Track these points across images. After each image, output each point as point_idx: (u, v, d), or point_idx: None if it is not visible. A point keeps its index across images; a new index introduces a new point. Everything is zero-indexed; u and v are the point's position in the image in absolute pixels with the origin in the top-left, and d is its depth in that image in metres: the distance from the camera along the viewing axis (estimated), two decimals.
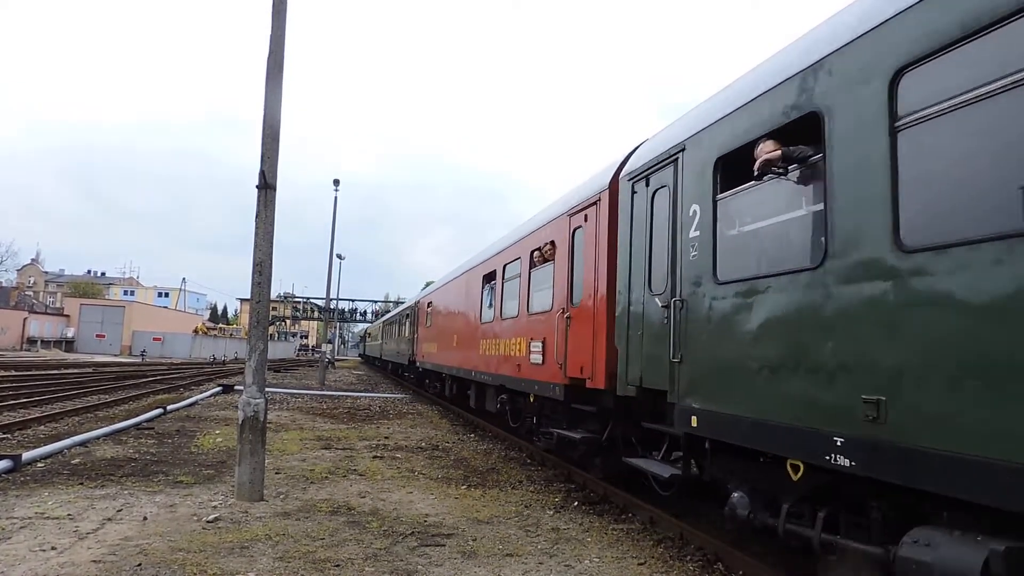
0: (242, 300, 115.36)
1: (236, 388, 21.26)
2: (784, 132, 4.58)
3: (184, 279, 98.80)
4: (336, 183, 31.23)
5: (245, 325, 62.57)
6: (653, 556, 5.85)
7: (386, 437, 12.76)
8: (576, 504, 7.82)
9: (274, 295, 57.53)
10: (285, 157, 21.45)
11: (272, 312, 52.71)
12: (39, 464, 8.64)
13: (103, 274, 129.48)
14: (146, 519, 6.26)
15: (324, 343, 40.22)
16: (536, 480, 9.22)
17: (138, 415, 13.58)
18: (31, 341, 59.02)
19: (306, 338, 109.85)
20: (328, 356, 40.95)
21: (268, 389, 8.57)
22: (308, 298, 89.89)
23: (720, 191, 5.19)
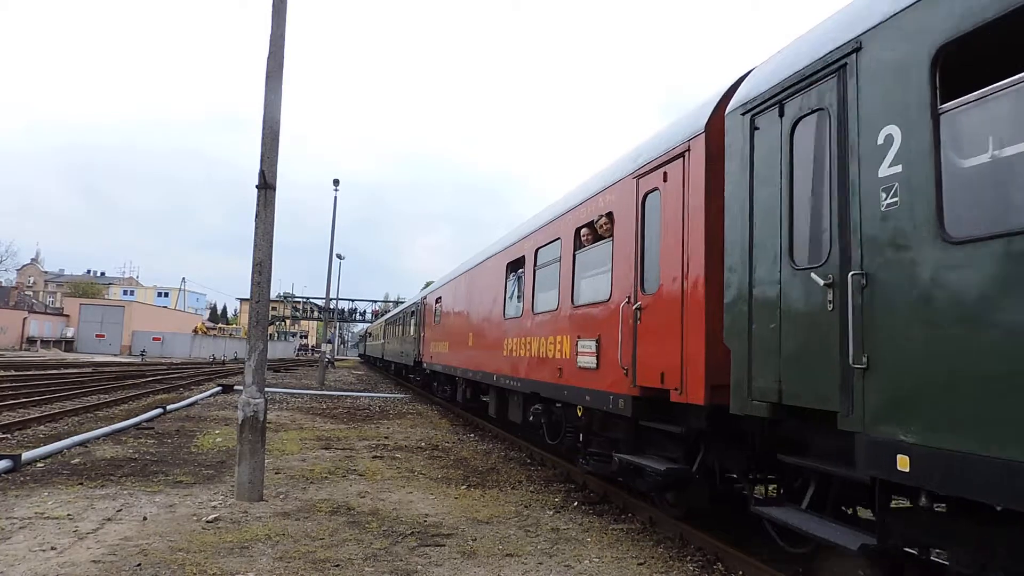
0: (242, 300, 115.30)
1: (236, 388, 21.28)
2: None
3: (184, 279, 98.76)
4: (336, 183, 31.26)
5: (245, 325, 62.64)
6: (653, 556, 5.85)
7: (386, 437, 12.77)
8: (576, 504, 7.82)
9: (274, 295, 57.65)
10: (285, 157, 21.48)
11: (272, 312, 52.86)
12: (39, 464, 8.65)
13: (103, 274, 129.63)
14: (146, 519, 6.26)
15: (324, 343, 40.27)
16: (536, 480, 9.22)
17: (138, 415, 13.59)
18: (31, 341, 59.01)
19: (306, 338, 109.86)
20: (328, 356, 40.96)
21: (268, 389, 8.57)
22: (308, 298, 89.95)
23: (946, 99, 3.58)
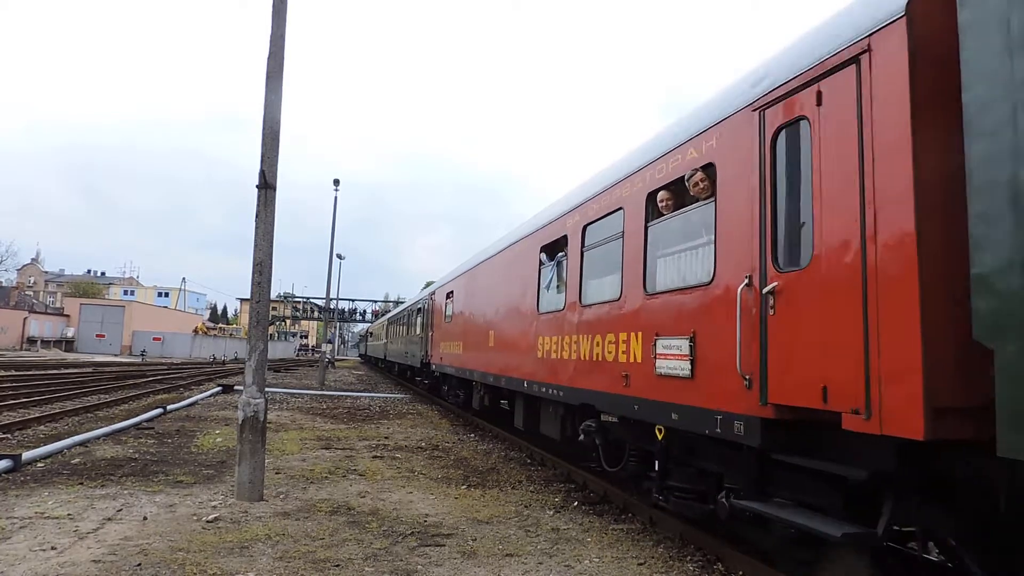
0: (242, 300, 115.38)
1: (236, 388, 21.27)
2: None
3: (184, 279, 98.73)
4: (336, 183, 31.24)
5: (245, 325, 62.66)
6: (653, 556, 5.85)
7: (386, 437, 12.77)
8: (576, 504, 7.82)
9: (274, 295, 57.55)
10: (285, 157, 21.47)
11: (272, 312, 52.77)
12: (39, 464, 8.65)
13: (103, 274, 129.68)
14: (146, 519, 6.27)
15: (324, 343, 40.27)
16: (536, 480, 9.22)
17: (138, 415, 13.59)
18: (31, 341, 59.03)
19: (306, 338, 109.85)
20: (328, 356, 40.97)
21: (268, 389, 8.57)
22: (308, 298, 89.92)
23: None
